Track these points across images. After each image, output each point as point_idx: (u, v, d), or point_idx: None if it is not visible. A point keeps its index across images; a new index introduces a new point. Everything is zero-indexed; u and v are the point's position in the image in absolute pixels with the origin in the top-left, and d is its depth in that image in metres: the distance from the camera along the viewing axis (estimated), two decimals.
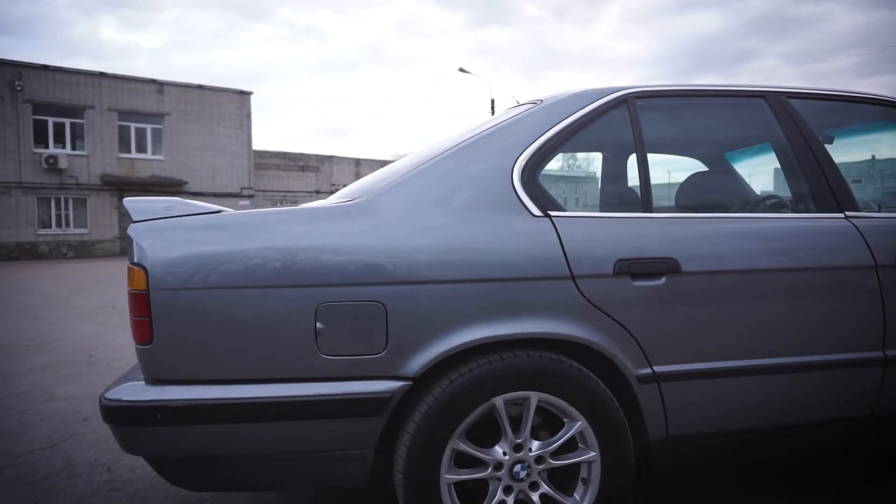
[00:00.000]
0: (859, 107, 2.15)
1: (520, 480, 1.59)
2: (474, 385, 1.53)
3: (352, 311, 1.50)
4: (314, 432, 1.51)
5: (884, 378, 1.80)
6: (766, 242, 1.78)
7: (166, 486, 2.25)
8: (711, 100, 2.02)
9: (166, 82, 23.30)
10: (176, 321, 1.47)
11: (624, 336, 1.62)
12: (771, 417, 1.78)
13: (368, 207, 1.66)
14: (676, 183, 2.04)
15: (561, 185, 2.25)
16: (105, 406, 1.49)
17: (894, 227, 1.88)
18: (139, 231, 1.53)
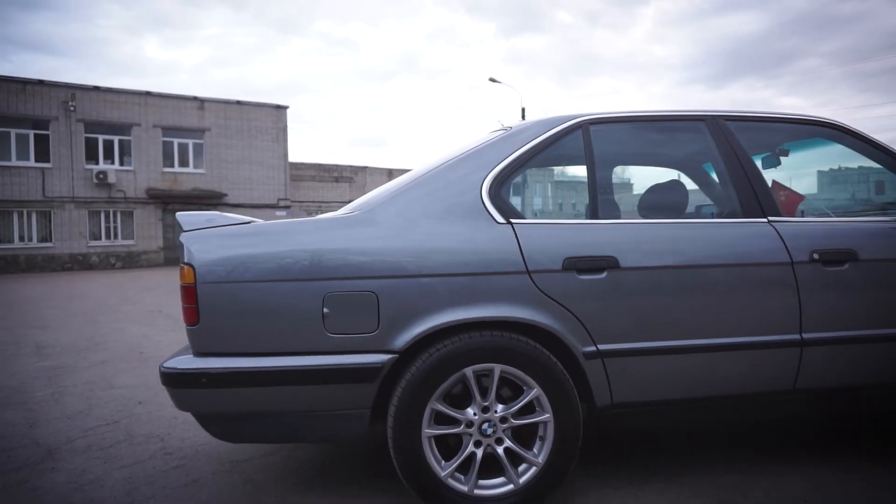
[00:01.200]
0: (788, 126, 2.48)
1: (487, 436, 1.98)
2: (449, 358, 1.92)
3: (351, 299, 1.92)
4: (322, 395, 1.93)
5: (801, 357, 2.13)
6: (697, 243, 2.13)
7: (208, 452, 2.70)
8: (657, 124, 2.39)
9: (207, 99, 24.37)
10: (217, 307, 1.91)
11: (572, 320, 1.99)
12: (705, 389, 2.12)
13: (368, 218, 2.09)
14: (631, 192, 2.41)
15: (525, 196, 2.63)
16: (163, 372, 1.94)
17: (807, 229, 2.21)
18: (189, 238, 1.98)
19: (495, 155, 2.17)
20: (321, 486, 2.30)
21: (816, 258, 2.15)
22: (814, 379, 2.16)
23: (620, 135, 2.39)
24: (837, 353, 2.16)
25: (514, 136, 2.23)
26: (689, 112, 2.37)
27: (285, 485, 2.32)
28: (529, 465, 2.00)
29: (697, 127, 2.36)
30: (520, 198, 2.61)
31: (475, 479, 1.96)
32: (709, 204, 2.45)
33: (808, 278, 2.13)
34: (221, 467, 2.52)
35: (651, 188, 2.52)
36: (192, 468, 2.52)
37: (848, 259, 2.16)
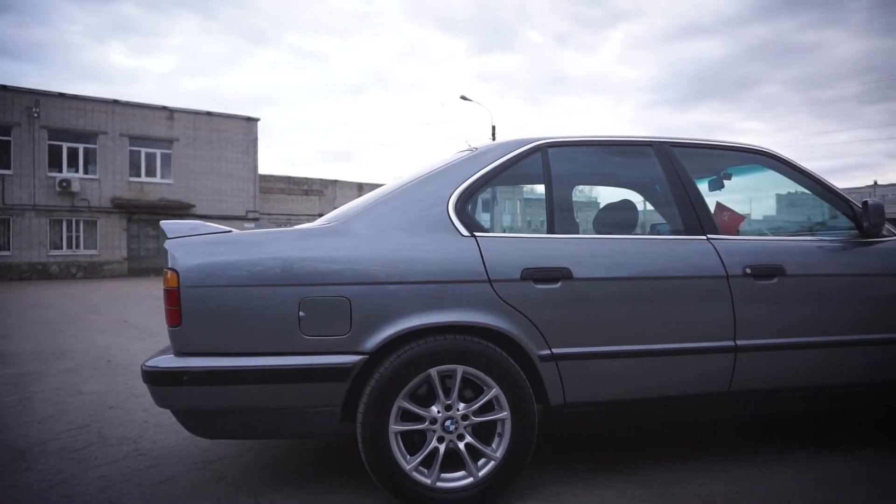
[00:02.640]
0: (726, 153, 2.73)
1: (450, 432, 2.14)
2: (415, 359, 2.08)
3: (326, 303, 2.07)
4: (297, 393, 2.07)
5: (735, 362, 2.35)
6: (643, 257, 2.35)
7: (181, 453, 2.80)
8: (610, 148, 2.62)
9: (176, 109, 24.19)
10: (198, 310, 2.05)
11: (528, 325, 2.18)
12: (649, 391, 2.32)
13: (342, 229, 2.25)
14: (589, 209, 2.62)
15: (488, 212, 2.83)
16: (145, 371, 2.06)
17: (741, 246, 2.44)
18: (173, 245, 2.11)
19: (461, 173, 2.35)
20: (292, 483, 2.42)
21: (749, 272, 2.38)
22: (746, 382, 2.38)
23: (576, 157, 2.60)
24: (767, 359, 2.39)
25: (479, 157, 2.42)
26: (638, 138, 2.61)
27: (257, 482, 2.43)
28: (488, 459, 2.16)
29: (646, 151, 2.59)
30: (483, 213, 2.80)
31: (438, 473, 2.12)
32: (656, 222, 2.67)
33: (741, 290, 2.36)
34: (195, 466, 2.62)
35: (604, 207, 2.74)
36: (165, 467, 2.62)
37: (776, 274, 2.40)
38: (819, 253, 2.53)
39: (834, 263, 2.51)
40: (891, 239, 2.63)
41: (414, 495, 2.10)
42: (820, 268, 2.48)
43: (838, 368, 2.49)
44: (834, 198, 2.68)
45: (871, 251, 2.57)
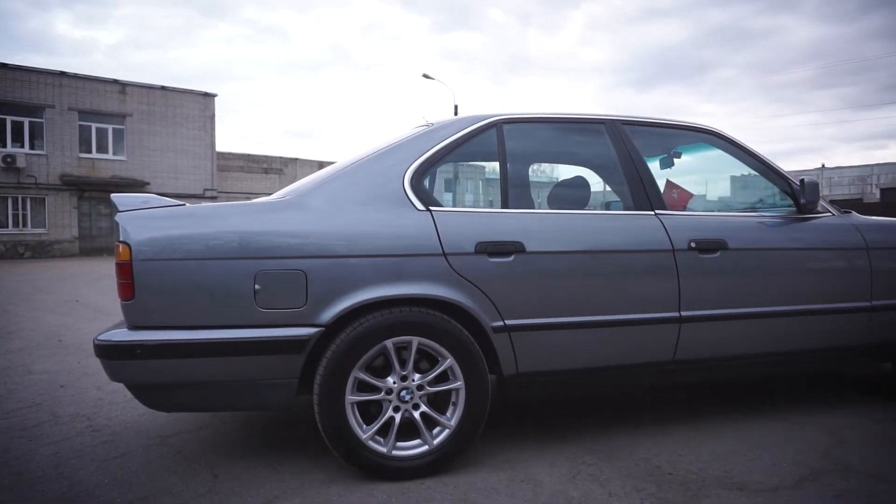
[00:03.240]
0: (675, 131, 2.82)
1: (405, 402, 2.19)
2: (371, 331, 2.12)
3: (281, 277, 2.08)
4: (253, 365, 2.08)
5: (680, 332, 2.46)
6: (593, 231, 2.42)
7: (137, 428, 2.78)
8: (564, 125, 2.67)
9: (129, 83, 23.34)
10: (151, 283, 2.03)
11: (482, 298, 2.23)
12: (598, 360, 2.41)
13: (298, 203, 2.25)
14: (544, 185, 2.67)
15: (443, 186, 2.86)
16: (98, 345, 2.04)
17: (687, 221, 2.54)
18: (124, 218, 2.08)
19: (417, 148, 2.38)
20: (250, 455, 2.44)
21: (693, 246, 2.48)
22: (690, 351, 2.50)
23: (530, 133, 2.65)
24: (709, 329, 2.51)
25: (434, 132, 2.44)
26: (591, 116, 2.67)
27: (215, 455, 2.45)
28: (443, 427, 2.22)
29: (598, 129, 2.66)
30: (439, 188, 2.84)
31: (394, 441, 2.17)
32: (608, 198, 2.75)
33: (686, 264, 2.46)
34: (151, 441, 2.61)
35: (558, 183, 2.80)
36: (121, 443, 2.60)
37: (719, 248, 2.51)
38: (759, 228, 2.65)
39: (772, 238, 2.64)
40: (825, 215, 2.78)
41: (370, 463, 2.15)
42: (759, 242, 2.60)
43: (775, 337, 2.63)
44: (775, 176, 2.80)
45: (806, 226, 2.71)
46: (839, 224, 2.77)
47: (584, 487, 2.11)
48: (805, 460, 2.33)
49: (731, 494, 2.05)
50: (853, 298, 2.71)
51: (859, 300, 2.71)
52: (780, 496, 2.03)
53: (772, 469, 2.25)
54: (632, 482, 2.15)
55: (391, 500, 2.03)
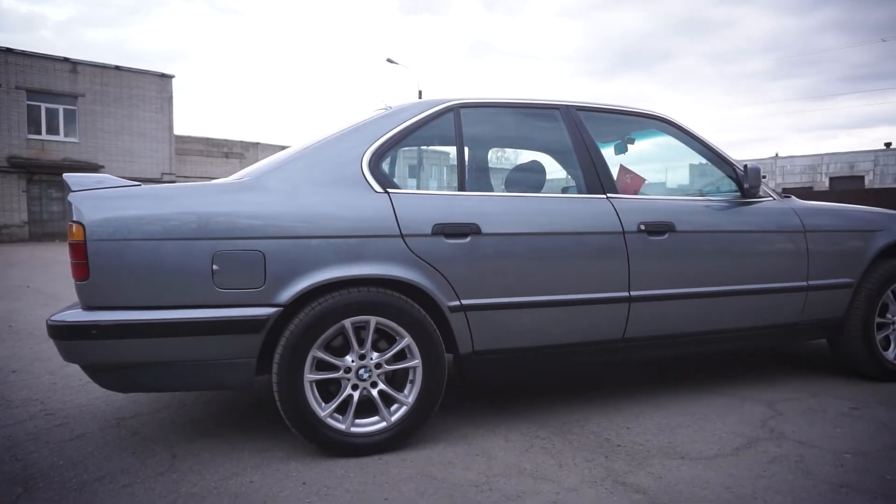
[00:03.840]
0: (627, 117, 2.91)
1: (363, 380, 2.24)
2: (329, 311, 2.15)
3: (239, 257, 2.09)
4: (212, 345, 2.09)
5: (629, 311, 2.56)
6: (547, 214, 2.49)
7: (93, 411, 2.76)
8: (520, 110, 2.73)
9: (80, 61, 22.49)
10: (106, 263, 2.02)
11: (439, 278, 2.29)
12: (551, 338, 2.49)
13: (256, 184, 2.26)
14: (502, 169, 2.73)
15: (402, 169, 2.90)
16: (51, 325, 2.02)
17: (637, 205, 2.63)
18: (77, 198, 2.06)
19: (376, 131, 2.40)
20: (209, 434, 2.46)
21: (643, 229, 2.58)
22: (639, 329, 2.61)
23: (487, 118, 2.70)
24: (658, 308, 2.62)
25: (393, 115, 2.47)
26: (546, 101, 2.73)
27: (174, 436, 2.45)
28: (400, 405, 2.28)
29: (553, 115, 2.72)
30: (397, 170, 2.87)
31: (352, 418, 2.22)
32: (563, 182, 2.83)
33: (635, 245, 2.56)
34: (108, 423, 2.60)
35: (515, 167, 2.87)
36: (76, 425, 2.58)
37: (667, 230, 2.62)
38: (705, 211, 2.77)
39: (717, 221, 2.76)
40: (766, 199, 2.91)
41: (329, 440, 2.19)
42: (705, 225, 2.72)
43: (719, 315, 2.76)
44: (721, 161, 2.92)
45: (749, 210, 2.84)
46: (779, 208, 2.92)
47: (536, 459, 2.20)
48: (743, 430, 2.47)
49: (674, 462, 2.17)
50: (791, 278, 2.86)
51: (797, 280, 2.87)
52: (718, 463, 2.16)
53: (712, 439, 2.38)
54: (582, 454, 2.25)
55: (349, 474, 2.08)
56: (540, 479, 2.04)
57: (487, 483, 2.01)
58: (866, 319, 3.00)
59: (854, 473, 2.07)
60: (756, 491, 1.95)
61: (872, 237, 3.04)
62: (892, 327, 3.10)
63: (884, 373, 3.04)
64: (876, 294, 3.01)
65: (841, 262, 2.97)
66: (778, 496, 1.91)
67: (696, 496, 1.92)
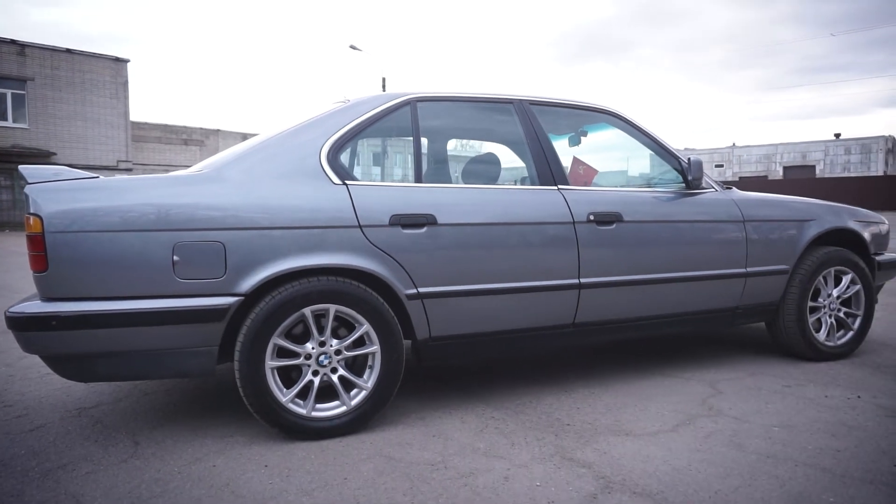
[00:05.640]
0: (577, 111, 3.03)
1: (324, 366, 2.32)
2: (289, 300, 2.22)
3: (200, 248, 2.14)
4: (174, 334, 2.14)
5: (579, 297, 2.69)
6: (501, 205, 2.60)
7: (53, 402, 2.77)
8: (475, 104, 2.82)
9: (29, 44, 21.67)
10: (64, 255, 2.04)
11: (396, 267, 2.37)
12: (505, 324, 2.61)
13: (216, 176, 2.30)
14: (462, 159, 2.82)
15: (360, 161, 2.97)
16: (10, 317, 2.04)
17: (587, 196, 2.76)
18: (35, 190, 2.07)
19: (334, 124, 2.47)
20: (171, 423, 2.50)
21: (592, 219, 2.71)
22: (589, 315, 2.74)
23: (443, 111, 2.79)
24: (606, 294, 2.76)
25: (351, 108, 2.53)
26: (500, 95, 2.83)
27: (136, 425, 2.49)
28: (360, 389, 2.36)
29: (507, 108, 2.82)
30: (356, 162, 2.93)
31: (313, 403, 2.30)
32: (517, 173, 2.94)
33: (585, 235, 2.69)
34: (69, 414, 2.62)
35: (471, 159, 2.96)
36: (36, 416, 2.59)
37: (615, 220, 2.75)
38: (652, 202, 2.92)
39: (663, 211, 2.91)
40: (709, 190, 3.08)
41: (291, 424, 2.26)
42: (651, 215, 2.86)
43: (665, 300, 2.92)
44: (666, 154, 3.07)
45: (692, 201, 3.00)
46: (721, 199, 3.09)
47: (490, 439, 2.32)
48: (684, 409, 2.63)
49: (618, 439, 2.31)
50: (731, 265, 3.03)
51: (736, 267, 3.04)
52: (659, 438, 2.31)
53: (655, 417, 2.53)
54: (533, 433, 2.37)
55: (310, 456, 2.16)
56: (493, 457, 2.15)
57: (443, 462, 2.12)
58: (800, 303, 3.20)
59: (780, 445, 2.24)
60: (691, 463, 2.10)
61: (805, 227, 3.24)
62: (824, 311, 3.31)
63: (816, 353, 3.26)
64: (808, 280, 3.21)
65: (777, 250, 3.16)
66: (711, 467, 2.07)
67: (636, 469, 2.06)
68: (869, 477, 1.99)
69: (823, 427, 2.40)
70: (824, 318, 3.32)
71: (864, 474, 2.01)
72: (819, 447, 2.22)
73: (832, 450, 2.19)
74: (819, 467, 2.06)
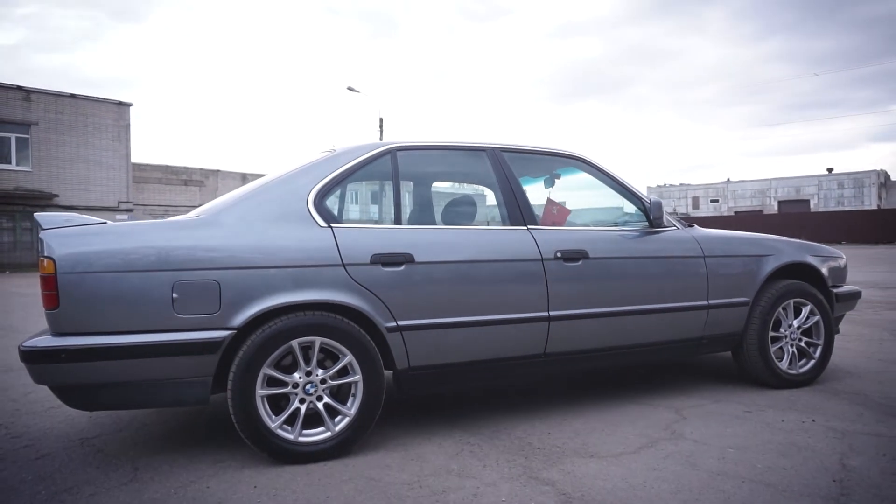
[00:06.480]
0: (547, 157, 3.30)
1: (310, 394, 2.51)
2: (278, 333, 2.43)
3: (197, 286, 2.36)
4: (172, 365, 2.34)
5: (549, 329, 2.90)
6: (475, 244, 2.83)
7: (57, 433, 2.94)
8: (450, 152, 3.08)
9: (34, 90, 22.27)
10: (74, 294, 2.26)
11: (377, 302, 2.59)
12: (480, 354, 2.81)
13: (213, 220, 2.54)
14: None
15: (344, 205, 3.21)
16: (24, 350, 2.24)
17: (554, 235, 2.99)
18: (48, 235, 2.30)
19: (320, 172, 2.72)
20: (168, 450, 2.68)
21: (559, 256, 2.94)
22: (558, 345, 2.95)
23: (421, 159, 3.05)
24: (574, 326, 2.96)
25: (337, 158, 2.79)
26: (474, 144, 3.09)
27: (135, 452, 2.67)
28: (344, 416, 2.55)
29: (480, 156, 3.08)
30: (340, 206, 3.18)
31: (300, 429, 2.48)
32: (490, 214, 3.19)
33: (553, 271, 2.91)
34: (72, 444, 2.79)
35: (450, 201, 3.21)
36: (41, 446, 2.77)
37: (581, 257, 2.98)
38: (616, 240, 3.15)
39: (626, 248, 3.14)
40: (671, 229, 3.32)
41: (279, 449, 2.45)
42: (615, 252, 3.10)
43: (632, 331, 3.13)
44: (630, 195, 3.32)
45: (654, 238, 3.23)
46: (682, 236, 3.32)
47: (464, 461, 2.50)
48: (649, 433, 2.81)
49: (584, 460, 2.49)
50: (693, 298, 3.25)
51: (698, 300, 3.26)
52: (621, 460, 2.49)
53: (621, 440, 2.72)
54: (505, 456, 2.55)
55: (296, 478, 2.34)
56: (465, 477, 2.33)
57: (418, 482, 2.30)
58: (761, 334, 3.41)
59: (732, 464, 2.42)
60: (647, 480, 2.28)
61: (764, 261, 3.47)
62: (786, 340, 3.52)
63: (779, 381, 3.45)
64: (769, 311, 3.43)
65: (737, 283, 3.39)
66: (664, 483, 2.25)
67: (595, 486, 2.24)
68: (808, 490, 2.17)
69: (775, 448, 2.58)
70: (786, 347, 3.52)
71: (804, 488, 2.19)
72: (767, 465, 2.40)
73: (779, 468, 2.37)
74: (764, 483, 2.24)
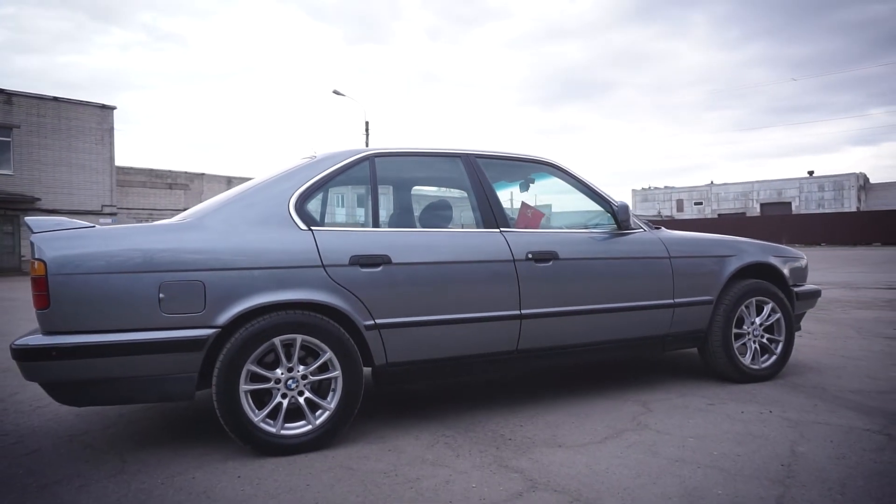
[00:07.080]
0: (519, 163, 3.45)
1: (291, 389, 2.63)
2: (261, 331, 2.55)
3: (182, 287, 2.47)
4: (159, 362, 2.45)
5: (521, 326, 3.04)
6: (450, 246, 2.97)
7: (45, 431, 3.04)
8: (426, 158, 3.22)
9: (15, 93, 22.12)
10: (65, 294, 2.36)
11: (356, 301, 2.71)
12: (455, 351, 2.94)
13: (197, 224, 2.65)
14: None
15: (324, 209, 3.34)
16: (15, 349, 2.35)
17: (525, 237, 3.14)
18: (39, 238, 2.40)
19: (301, 177, 2.84)
20: (155, 444, 2.78)
21: (531, 257, 3.08)
22: (530, 342, 3.09)
23: (398, 165, 3.19)
24: (545, 323, 3.11)
25: (317, 164, 2.92)
26: (449, 150, 3.23)
27: (123, 447, 2.77)
28: (324, 410, 2.68)
29: (455, 162, 3.23)
30: (320, 210, 3.30)
31: (282, 423, 2.60)
32: (465, 217, 3.33)
33: (525, 271, 3.06)
34: (60, 440, 2.89)
35: (427, 205, 3.35)
36: (31, 442, 2.86)
37: (552, 258, 3.13)
38: (585, 242, 3.31)
39: (595, 249, 3.30)
40: (638, 231, 3.48)
41: (262, 442, 2.56)
42: (584, 253, 3.25)
43: (600, 329, 3.28)
44: (598, 198, 3.48)
45: (622, 240, 3.39)
46: (649, 238, 3.49)
47: (439, 452, 2.63)
48: (616, 424, 2.96)
49: (552, 450, 2.63)
50: (660, 297, 3.41)
51: (664, 298, 3.42)
52: (587, 449, 2.64)
53: (588, 432, 2.86)
54: (477, 447, 2.69)
55: (278, 469, 2.46)
56: (438, 466, 2.47)
57: (394, 470, 2.43)
58: (725, 330, 3.58)
59: (690, 451, 2.58)
60: (610, 467, 2.43)
61: (727, 261, 3.64)
62: (748, 337, 3.69)
63: (742, 375, 3.62)
64: (732, 309, 3.60)
65: (702, 282, 3.56)
66: (625, 469, 2.40)
67: (561, 473, 2.38)
68: (757, 474, 2.33)
69: (732, 437, 2.75)
70: (749, 343, 3.69)
71: (754, 472, 2.35)
72: (723, 452, 2.56)
73: (734, 454, 2.53)
74: (717, 468, 2.40)
